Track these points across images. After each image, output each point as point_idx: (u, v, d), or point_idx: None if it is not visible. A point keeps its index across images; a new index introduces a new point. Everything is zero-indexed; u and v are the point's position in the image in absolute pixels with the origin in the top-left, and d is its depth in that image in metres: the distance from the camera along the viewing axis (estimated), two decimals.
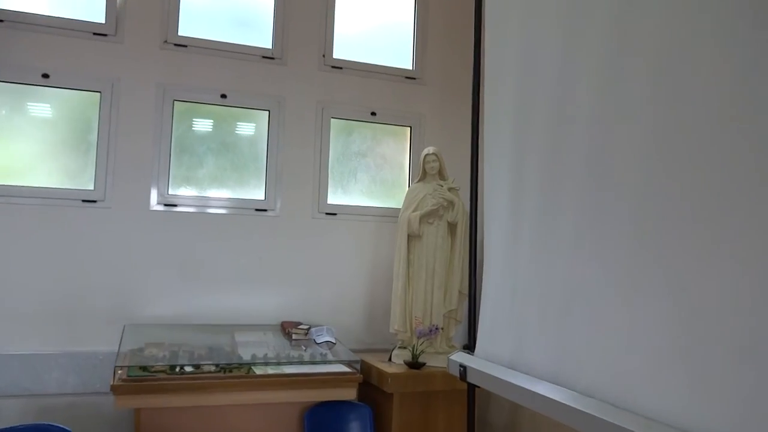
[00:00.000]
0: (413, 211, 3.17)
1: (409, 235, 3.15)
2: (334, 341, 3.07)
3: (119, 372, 2.51)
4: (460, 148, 3.81)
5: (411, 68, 3.84)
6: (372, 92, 3.73)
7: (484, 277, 2.29)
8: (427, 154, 3.25)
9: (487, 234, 2.36)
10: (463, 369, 2.07)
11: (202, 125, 3.40)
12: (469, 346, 2.26)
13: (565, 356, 1.61)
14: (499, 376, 1.84)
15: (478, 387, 2.12)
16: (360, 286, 3.60)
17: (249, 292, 3.36)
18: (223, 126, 3.44)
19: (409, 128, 3.82)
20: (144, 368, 2.54)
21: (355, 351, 3.24)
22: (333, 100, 3.64)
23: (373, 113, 3.72)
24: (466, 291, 3.15)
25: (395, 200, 3.76)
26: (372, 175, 3.74)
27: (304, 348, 2.93)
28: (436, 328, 3.01)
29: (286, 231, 3.47)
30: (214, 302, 3.28)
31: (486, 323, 2.16)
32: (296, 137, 3.54)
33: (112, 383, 2.48)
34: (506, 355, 1.92)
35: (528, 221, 1.97)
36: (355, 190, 3.70)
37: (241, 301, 3.33)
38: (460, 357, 2.14)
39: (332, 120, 3.63)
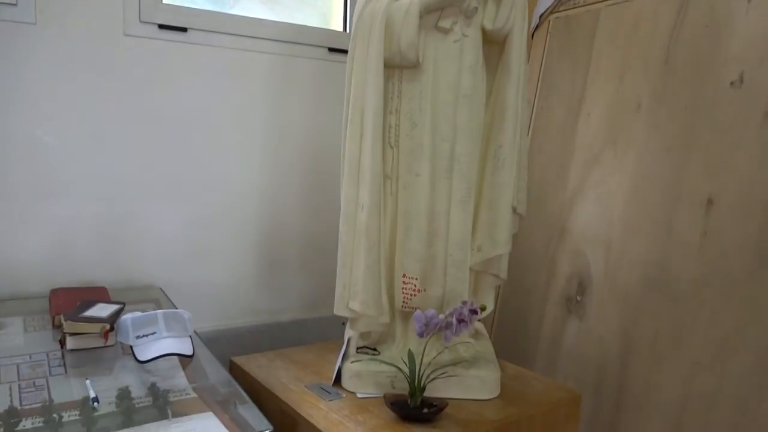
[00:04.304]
0: None
1: (392, 65, 1.17)
2: (190, 353, 1.11)
3: None
4: None
5: None
6: None
7: None
8: None
9: None
10: None
11: None
12: None
13: None
14: None
15: None
16: (250, 197, 1.63)
17: None
18: None
19: None
20: None
21: (243, 336, 1.38)
22: None
23: None
24: (523, 208, 1.30)
25: (319, 13, 1.74)
26: None
27: (94, 397, 0.94)
28: (473, 311, 1.10)
29: (56, 64, 1.36)
30: None
31: None
32: None
33: None
34: None
35: None
36: None
37: None
38: None
39: None
